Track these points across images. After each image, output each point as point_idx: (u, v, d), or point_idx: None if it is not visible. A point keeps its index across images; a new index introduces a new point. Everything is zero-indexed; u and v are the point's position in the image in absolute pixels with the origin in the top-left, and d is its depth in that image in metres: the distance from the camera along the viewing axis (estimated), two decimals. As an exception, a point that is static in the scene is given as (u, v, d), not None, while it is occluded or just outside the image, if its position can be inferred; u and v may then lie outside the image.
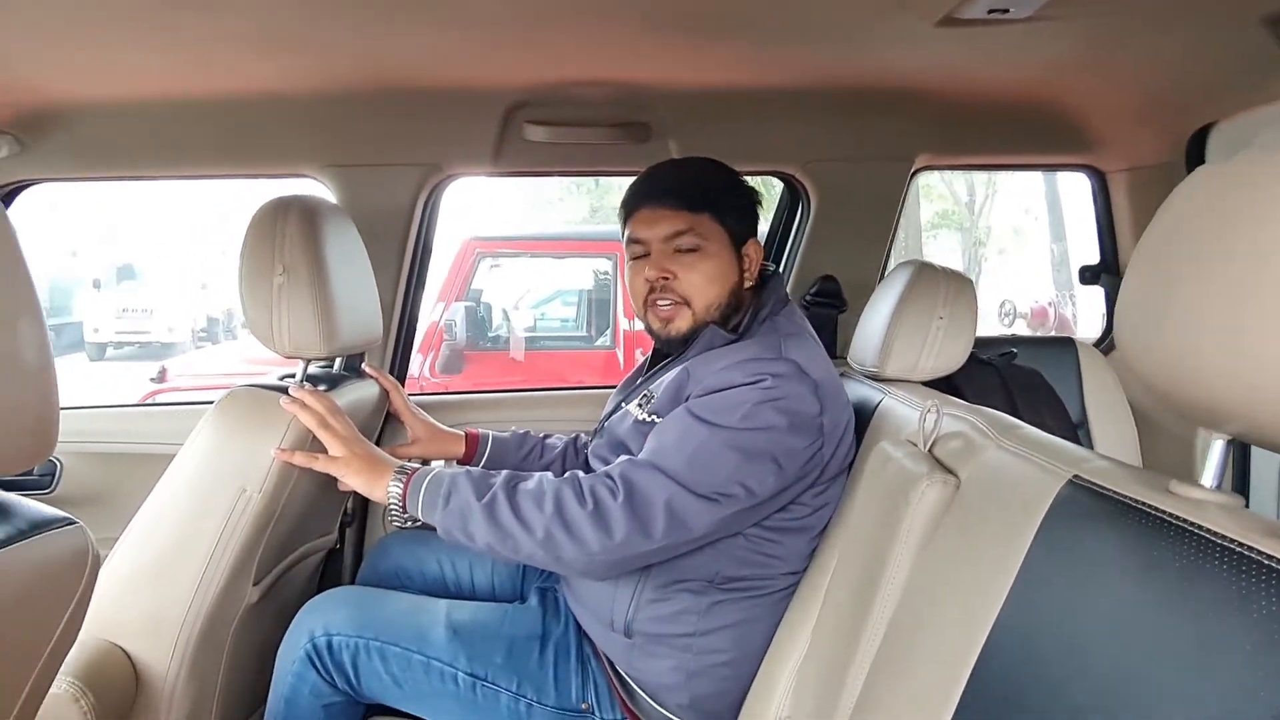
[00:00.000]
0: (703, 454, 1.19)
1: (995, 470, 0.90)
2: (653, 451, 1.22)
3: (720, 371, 1.25)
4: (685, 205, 1.35)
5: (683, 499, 1.17)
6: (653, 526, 1.17)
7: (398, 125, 1.74)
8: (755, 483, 1.20)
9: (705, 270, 1.35)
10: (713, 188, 1.39)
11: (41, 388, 0.69)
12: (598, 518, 1.17)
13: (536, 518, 1.18)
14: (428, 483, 1.24)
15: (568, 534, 1.17)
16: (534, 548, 1.18)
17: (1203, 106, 1.69)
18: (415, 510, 1.24)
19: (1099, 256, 2.10)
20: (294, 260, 1.33)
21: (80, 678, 1.17)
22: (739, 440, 1.19)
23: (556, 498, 1.19)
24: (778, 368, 1.23)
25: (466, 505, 1.20)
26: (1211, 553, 0.55)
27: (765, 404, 1.20)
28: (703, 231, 1.35)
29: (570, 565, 1.20)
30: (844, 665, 0.99)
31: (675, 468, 1.18)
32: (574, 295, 5.97)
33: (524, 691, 1.33)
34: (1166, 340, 0.62)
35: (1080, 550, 0.68)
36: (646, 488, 1.18)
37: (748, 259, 1.39)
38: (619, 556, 1.18)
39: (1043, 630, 0.68)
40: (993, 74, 1.63)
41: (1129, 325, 0.68)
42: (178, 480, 1.29)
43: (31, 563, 0.73)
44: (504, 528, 1.19)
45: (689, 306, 1.36)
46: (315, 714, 1.34)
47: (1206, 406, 0.61)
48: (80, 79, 1.51)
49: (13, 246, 0.66)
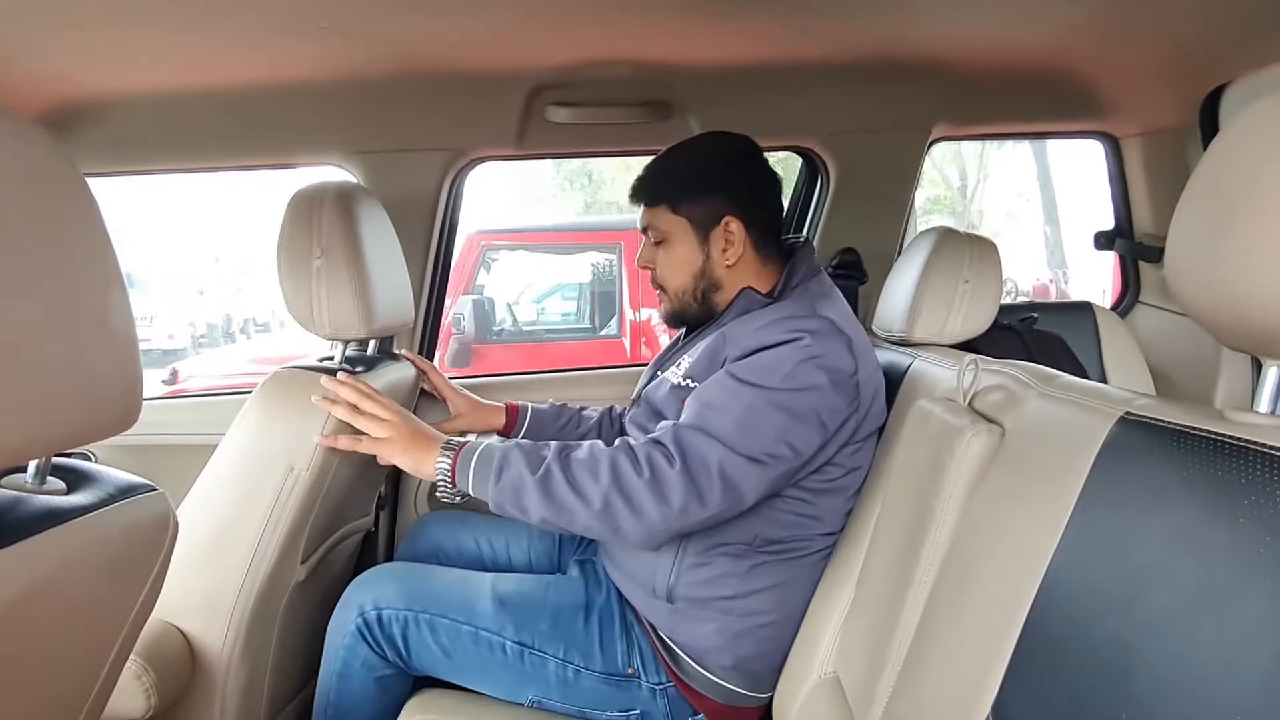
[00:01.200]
0: (750, 416, 1.20)
1: (1041, 416, 0.91)
2: (698, 416, 1.23)
3: (757, 332, 1.28)
4: (646, 201, 1.45)
5: (734, 462, 1.19)
6: (708, 494, 1.18)
7: (422, 110, 1.75)
8: (801, 442, 1.22)
9: (669, 259, 1.43)
10: (662, 179, 1.44)
11: (129, 355, 0.71)
12: (655, 486, 1.18)
13: (593, 488, 1.18)
14: (478, 456, 1.25)
15: (627, 503, 1.18)
16: (591, 519, 1.19)
17: (1215, 68, 1.71)
18: (466, 485, 1.25)
19: (1113, 222, 2.12)
20: (331, 243, 1.35)
21: (141, 655, 1.20)
22: (784, 400, 1.21)
23: (613, 466, 1.19)
24: (813, 324, 1.26)
25: (520, 478, 1.21)
26: (1276, 467, 0.56)
27: (807, 362, 1.22)
28: (661, 224, 1.42)
29: (628, 535, 1.20)
30: (893, 617, 1.01)
31: (724, 431, 1.20)
32: (574, 289, 5.99)
33: (571, 658, 1.35)
34: (1222, 269, 0.63)
35: (1137, 482, 0.69)
36: (700, 452, 1.19)
37: (726, 238, 1.40)
38: (677, 526, 1.20)
39: (1102, 563, 0.68)
40: (1007, 42, 1.64)
41: (1182, 257, 0.69)
42: (226, 462, 1.31)
43: (121, 526, 0.75)
44: (560, 500, 1.19)
45: (666, 292, 1.46)
46: (367, 686, 1.37)
47: (1262, 332, 0.62)
48: (112, 70, 1.52)
49: (98, 220, 0.68)
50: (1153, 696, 0.58)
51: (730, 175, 1.41)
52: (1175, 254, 0.70)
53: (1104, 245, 2.14)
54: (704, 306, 1.43)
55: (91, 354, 0.67)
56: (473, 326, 4.87)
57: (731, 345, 1.30)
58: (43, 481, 0.72)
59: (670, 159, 1.46)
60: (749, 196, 1.41)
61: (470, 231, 5.10)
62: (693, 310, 1.44)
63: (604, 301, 5.43)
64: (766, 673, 1.35)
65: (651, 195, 1.44)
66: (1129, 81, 1.83)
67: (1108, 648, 0.64)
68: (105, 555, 0.74)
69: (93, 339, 0.67)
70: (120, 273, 0.71)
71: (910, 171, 1.94)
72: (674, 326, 1.52)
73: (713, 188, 1.40)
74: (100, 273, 0.68)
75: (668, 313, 1.48)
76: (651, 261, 1.46)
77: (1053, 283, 10.47)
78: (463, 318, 4.82)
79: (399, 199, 1.72)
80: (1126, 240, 2.09)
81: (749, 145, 1.45)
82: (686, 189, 1.41)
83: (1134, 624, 0.62)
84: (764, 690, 1.36)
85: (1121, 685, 0.61)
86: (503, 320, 5.43)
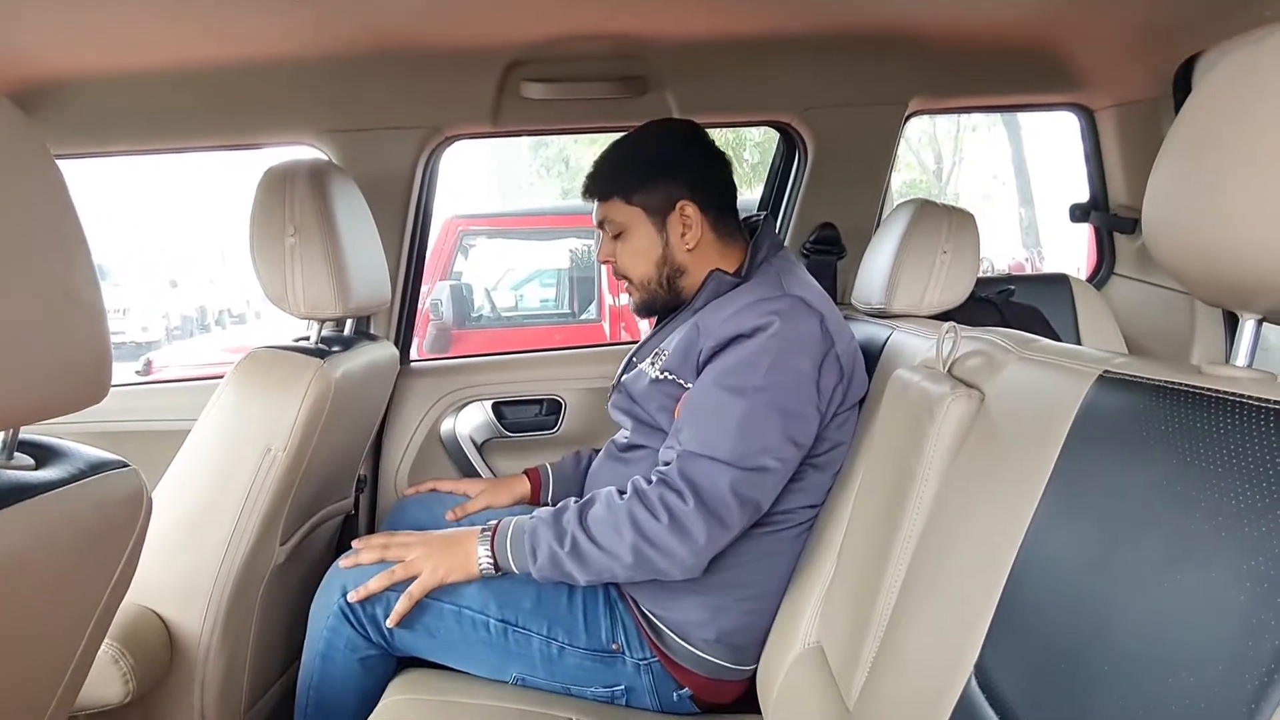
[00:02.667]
0: (747, 425, 1.22)
1: (1020, 380, 0.92)
2: (697, 440, 1.24)
3: (728, 320, 1.28)
4: (597, 195, 1.44)
5: (742, 479, 1.21)
6: (728, 518, 1.21)
7: (395, 87, 1.73)
8: (802, 434, 1.24)
9: (629, 251, 1.43)
10: (612, 171, 1.44)
11: (97, 327, 0.69)
12: (676, 528, 1.20)
13: (620, 545, 1.22)
14: (511, 539, 1.29)
15: (656, 550, 1.21)
16: (629, 571, 1.24)
17: (1187, 39, 1.71)
18: (509, 564, 1.29)
19: (1088, 194, 2.14)
20: (305, 221, 1.33)
21: (117, 640, 1.19)
22: (776, 399, 1.22)
23: (631, 520, 1.22)
24: (783, 304, 1.26)
25: (553, 554, 1.24)
26: (1255, 417, 0.56)
27: (786, 351, 1.23)
28: (615, 216, 1.42)
29: (668, 574, 1.24)
30: (875, 584, 1.01)
31: (726, 449, 1.21)
32: (553, 275, 5.97)
33: (554, 634, 1.35)
34: (1198, 225, 0.64)
35: (1116, 439, 0.69)
36: (710, 483, 1.21)
37: (683, 222, 1.39)
38: (709, 553, 1.23)
39: (1082, 521, 0.69)
40: (983, 13, 1.64)
41: (1159, 214, 0.69)
42: (202, 443, 1.29)
43: (92, 502, 0.74)
44: (595, 564, 1.24)
45: (631, 283, 1.46)
46: (351, 667, 1.36)
47: (1238, 286, 0.63)
48: (79, 49, 1.49)
49: (62, 189, 0.67)
50: (1133, 649, 0.58)
51: (680, 158, 1.42)
52: (1152, 213, 0.70)
53: (1079, 218, 2.15)
54: (671, 293, 1.43)
55: (58, 325, 0.65)
56: (451, 312, 4.85)
57: (705, 336, 1.30)
58: (9, 456, 0.70)
59: (618, 150, 1.46)
60: (701, 178, 1.41)
61: (447, 216, 5.06)
62: (661, 298, 1.44)
63: (583, 287, 5.42)
64: (750, 646, 1.35)
65: (603, 188, 1.43)
66: (1103, 53, 1.84)
67: (1088, 603, 0.64)
68: (76, 532, 0.73)
69: (59, 310, 0.65)
70: (87, 245, 0.69)
71: (888, 145, 1.94)
72: (645, 316, 1.51)
73: (663, 173, 1.40)
74: (66, 244, 0.66)
75: (637, 304, 1.48)
76: (612, 255, 1.46)
77: (1028, 261, 10.76)
78: (441, 303, 4.80)
79: (373, 178, 1.69)
80: (1102, 212, 2.11)
81: (694, 128, 1.47)
82: (637, 178, 1.40)
83: (1113, 579, 0.62)
84: (748, 663, 1.36)
85: (1102, 639, 0.61)
86: (481, 306, 5.40)
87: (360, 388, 1.50)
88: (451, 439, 1.98)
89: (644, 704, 1.37)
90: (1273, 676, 0.48)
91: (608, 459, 1.49)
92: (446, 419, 1.98)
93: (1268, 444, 0.54)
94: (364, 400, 1.60)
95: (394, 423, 1.95)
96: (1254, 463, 0.55)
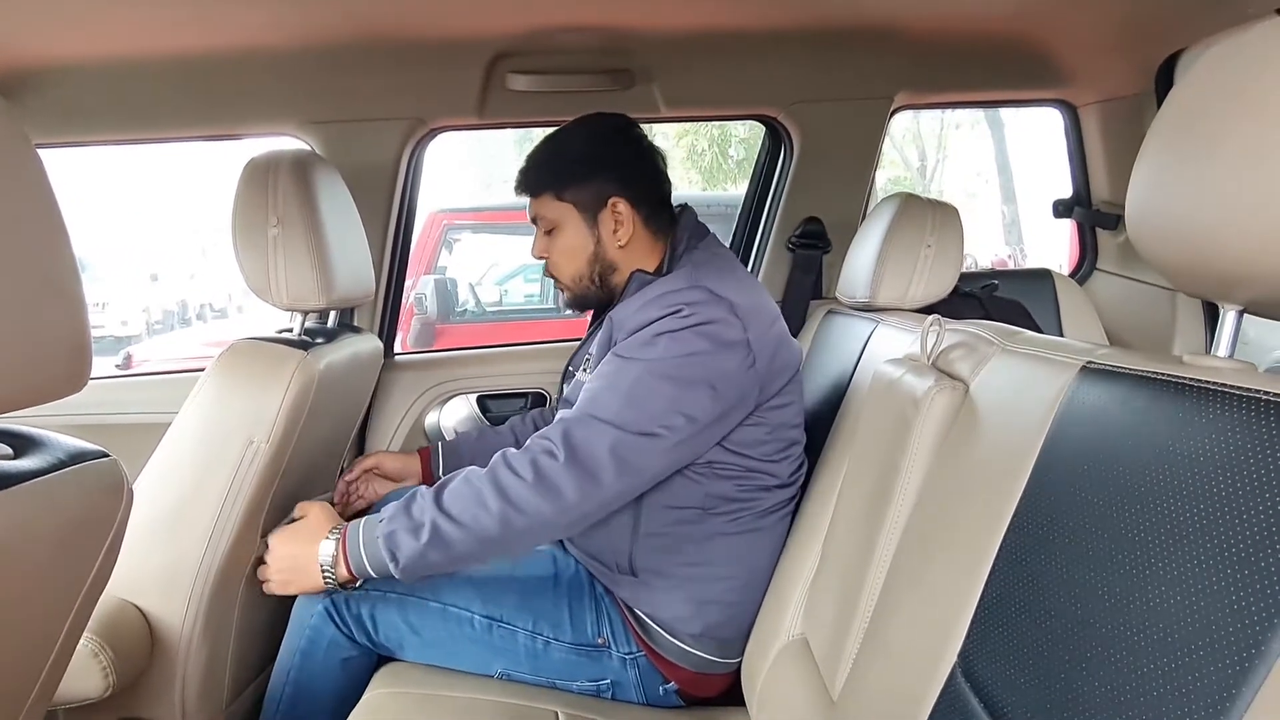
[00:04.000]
0: (637, 390, 1.21)
1: (1004, 371, 0.93)
2: (588, 402, 1.23)
3: (638, 312, 1.28)
4: (528, 191, 1.42)
5: (626, 441, 1.19)
6: (601, 476, 1.18)
7: (380, 78, 1.71)
8: (695, 409, 1.22)
9: (560, 247, 1.41)
10: (546, 167, 1.41)
11: (77, 313, 0.68)
12: (542, 485, 1.18)
13: (483, 517, 1.18)
14: (364, 543, 1.23)
15: (522, 515, 1.18)
16: (497, 545, 1.21)
17: (1169, 35, 1.73)
18: (366, 571, 1.23)
19: (1071, 190, 2.15)
20: (288, 211, 1.32)
21: (97, 633, 1.17)
22: (668, 369, 1.21)
23: (496, 486, 1.19)
24: (691, 295, 1.25)
25: (412, 550, 1.19)
26: (1236, 405, 0.57)
27: (685, 330, 1.22)
28: (547, 213, 1.40)
29: (537, 536, 1.22)
30: (859, 575, 1.02)
31: (612, 412, 1.20)
32: (537, 271, 5.94)
33: (540, 629, 1.35)
34: (1181, 217, 0.64)
35: (1099, 429, 0.70)
36: (588, 441, 1.19)
37: (615, 219, 1.38)
38: (579, 513, 1.20)
39: (1065, 510, 0.69)
40: (968, 9, 1.65)
41: (1142, 207, 0.70)
42: (183, 435, 1.28)
43: (72, 492, 0.73)
44: (459, 546, 1.19)
45: (562, 281, 1.44)
46: (331, 668, 1.36)
47: (1220, 277, 0.63)
48: (58, 36, 1.47)
49: (41, 175, 0.66)
50: (1115, 635, 0.59)
51: (610, 154, 1.40)
52: (1136, 207, 0.71)
53: (1062, 213, 2.16)
54: (604, 290, 1.42)
55: (36, 312, 0.64)
56: (435, 306, 4.83)
57: (618, 329, 1.30)
58: None
59: (549, 146, 1.44)
60: (632, 173, 1.40)
61: (432, 210, 5.04)
62: (593, 294, 1.43)
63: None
64: (735, 639, 1.35)
65: (534, 184, 1.41)
66: (1086, 49, 1.85)
67: (1072, 592, 0.65)
68: (56, 522, 0.72)
69: (37, 296, 0.64)
70: (68, 234, 0.68)
71: (873, 140, 1.95)
72: (579, 311, 1.50)
73: (594, 169, 1.38)
74: (46, 233, 0.65)
75: (568, 300, 1.46)
76: (546, 251, 1.43)
77: (1010, 259, 10.87)
78: (425, 298, 4.78)
79: (357, 170, 1.68)
80: (1084, 208, 2.12)
81: (626, 122, 1.44)
82: (568, 174, 1.39)
83: (1097, 568, 0.63)
84: (733, 656, 1.36)
85: (1084, 627, 0.62)
86: (465, 301, 5.38)
87: (344, 380, 1.49)
88: (436, 432, 1.97)
89: (629, 698, 1.37)
90: (1251, 660, 0.49)
91: None
92: (431, 412, 1.97)
93: (1248, 432, 0.55)
94: (348, 393, 1.59)
95: (378, 416, 1.94)
96: (1234, 450, 0.55)
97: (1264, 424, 0.54)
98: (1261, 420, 0.55)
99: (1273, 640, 0.48)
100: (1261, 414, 0.55)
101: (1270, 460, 0.52)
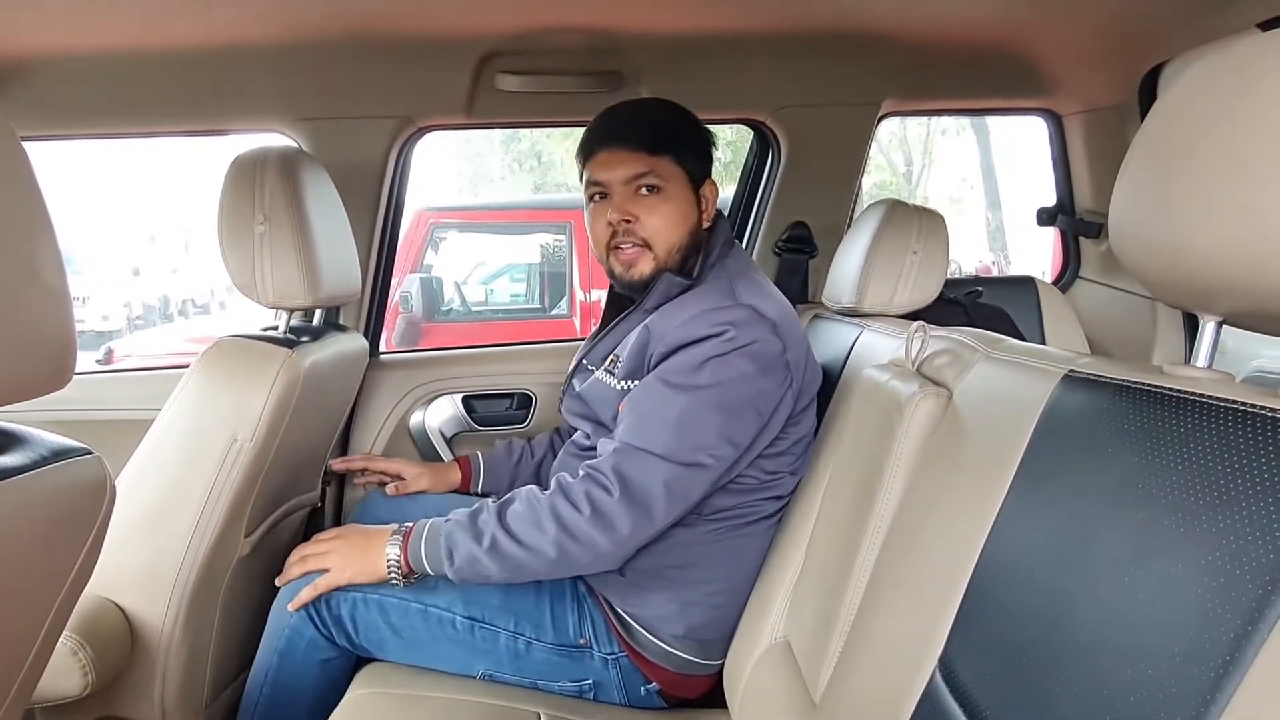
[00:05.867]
0: (685, 422, 1.21)
1: (987, 378, 0.93)
2: (636, 432, 1.23)
3: (681, 326, 1.26)
4: (645, 147, 1.33)
5: (678, 475, 1.21)
6: (654, 510, 1.21)
7: (369, 76, 1.71)
8: (740, 435, 1.23)
9: (666, 213, 1.34)
10: (671, 129, 1.37)
11: (62, 310, 0.68)
12: (599, 520, 1.20)
13: (541, 540, 1.21)
14: (425, 540, 1.27)
15: (577, 544, 1.21)
16: (549, 567, 1.23)
17: (1153, 47, 1.75)
18: (423, 567, 1.27)
19: (1055, 198, 2.17)
20: (275, 209, 1.32)
21: (77, 632, 1.16)
22: (716, 398, 1.22)
23: (554, 514, 1.21)
24: (736, 315, 1.24)
25: (470, 555, 1.23)
26: (1213, 415, 0.58)
27: (732, 354, 1.22)
28: (663, 173, 1.33)
29: (589, 568, 1.25)
30: (842, 579, 1.02)
31: (661, 444, 1.21)
32: (523, 270, 5.95)
33: (522, 629, 1.35)
34: (1163, 228, 0.65)
35: (1081, 437, 0.71)
36: (641, 477, 1.20)
37: (705, 200, 1.39)
38: (633, 545, 1.23)
39: (1046, 517, 0.70)
40: (955, 16, 1.66)
41: (1124, 217, 0.71)
42: (166, 432, 1.27)
43: (55, 489, 0.72)
44: (514, 561, 1.22)
45: (651, 250, 1.34)
46: (309, 668, 1.35)
47: (1200, 288, 0.64)
48: (43, 29, 1.45)
49: (27, 168, 0.65)
50: (1094, 641, 0.59)
51: (708, 140, 1.41)
52: (1118, 217, 0.72)
53: (1046, 221, 2.18)
54: (682, 270, 1.36)
55: (21, 307, 0.64)
56: (420, 305, 4.82)
57: (656, 340, 1.28)
58: None
59: (662, 109, 1.39)
60: (712, 164, 1.42)
61: (418, 209, 5.02)
62: (672, 270, 1.35)
63: (554, 282, 5.40)
64: (718, 640, 1.36)
65: (655, 142, 1.33)
66: (1071, 59, 1.87)
67: (1051, 598, 0.66)
68: (37, 520, 0.71)
69: (22, 291, 0.64)
70: (53, 228, 0.67)
71: (860, 145, 1.96)
72: (630, 293, 1.41)
73: (707, 148, 1.40)
74: (31, 226, 0.65)
75: (645, 274, 1.35)
76: (634, 213, 1.33)
77: (994, 265, 10.98)
78: (410, 296, 4.76)
79: (344, 168, 1.67)
80: (1068, 216, 2.14)
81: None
82: (694, 143, 1.38)
83: (1076, 575, 0.64)
84: (716, 658, 1.37)
85: (1064, 632, 0.63)
86: (451, 300, 5.37)
87: (329, 379, 1.49)
88: (421, 432, 1.96)
89: (612, 699, 1.37)
90: (1229, 668, 0.49)
91: (568, 456, 1.48)
92: (416, 412, 1.97)
93: (1225, 441, 0.56)
94: (332, 391, 1.58)
95: (363, 415, 1.93)
96: (1212, 459, 0.56)
97: (1241, 434, 0.55)
98: (1238, 430, 0.56)
99: (1248, 647, 0.49)
100: (1238, 424, 0.56)
101: (1246, 469, 0.53)
